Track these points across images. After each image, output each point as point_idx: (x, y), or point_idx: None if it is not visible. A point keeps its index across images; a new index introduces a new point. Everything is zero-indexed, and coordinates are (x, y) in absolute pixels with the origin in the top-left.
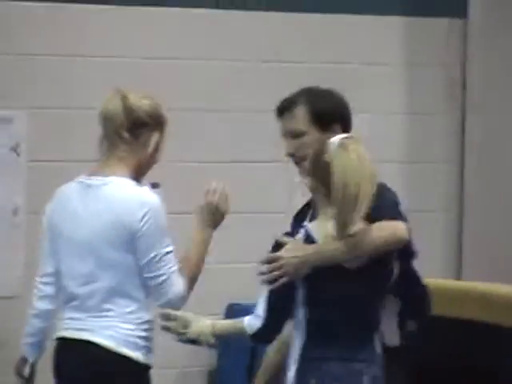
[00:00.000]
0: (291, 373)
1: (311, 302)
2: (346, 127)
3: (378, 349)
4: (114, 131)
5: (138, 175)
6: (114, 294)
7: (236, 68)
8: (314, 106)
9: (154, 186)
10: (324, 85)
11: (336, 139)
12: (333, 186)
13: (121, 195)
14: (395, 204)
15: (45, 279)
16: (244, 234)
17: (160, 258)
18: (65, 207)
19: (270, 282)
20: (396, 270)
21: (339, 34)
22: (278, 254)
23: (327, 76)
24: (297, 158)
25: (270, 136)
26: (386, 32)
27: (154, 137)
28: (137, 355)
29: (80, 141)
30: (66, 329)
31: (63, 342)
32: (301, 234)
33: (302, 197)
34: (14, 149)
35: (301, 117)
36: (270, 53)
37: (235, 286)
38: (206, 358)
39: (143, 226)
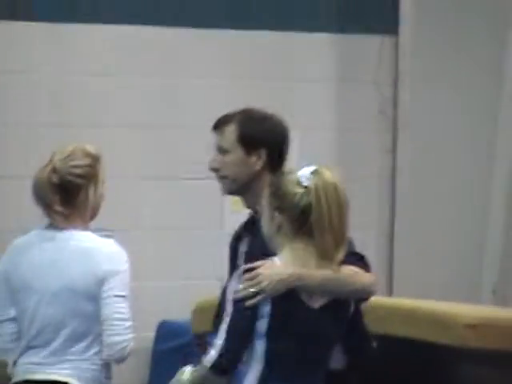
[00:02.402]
0: None
1: (274, 334)
2: (274, 154)
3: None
4: (48, 206)
5: (90, 218)
6: (80, 338)
7: (167, 84)
8: (243, 128)
9: (107, 235)
10: (256, 103)
11: (306, 171)
12: (317, 216)
13: (89, 248)
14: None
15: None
16: (175, 251)
17: (120, 300)
18: (23, 261)
19: (247, 298)
20: (352, 308)
21: (271, 50)
22: (258, 270)
23: (259, 92)
24: (218, 175)
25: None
26: (318, 49)
27: (91, 190)
28: None
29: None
30: (32, 372)
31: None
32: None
33: (231, 214)
34: None
35: (229, 135)
36: (202, 69)
37: (167, 303)
38: (137, 373)
39: (110, 275)
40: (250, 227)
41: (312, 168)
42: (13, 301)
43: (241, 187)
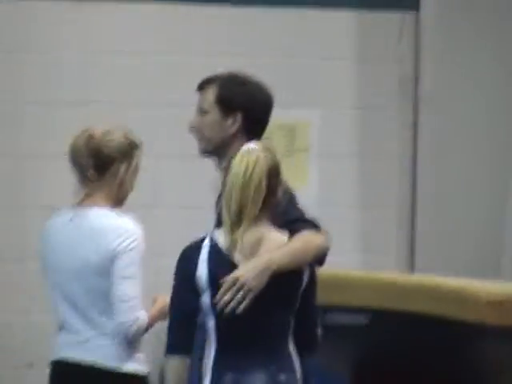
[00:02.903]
0: None
1: (219, 310)
2: (250, 119)
3: (294, 354)
4: (80, 171)
5: (116, 203)
6: (102, 315)
7: (191, 63)
8: (222, 90)
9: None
10: (277, 81)
11: (246, 146)
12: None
13: (101, 225)
14: (305, 214)
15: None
16: (198, 228)
17: (124, 280)
18: (51, 240)
19: (238, 304)
20: (307, 274)
21: (292, 28)
22: (235, 274)
23: (280, 71)
24: (196, 136)
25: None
26: (338, 26)
27: (122, 168)
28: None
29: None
30: (63, 351)
31: (63, 364)
32: (207, 241)
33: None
34: None
35: (208, 96)
36: (223, 47)
37: None
38: (156, 357)
39: (119, 253)
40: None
41: (252, 145)
42: (46, 279)
43: (215, 149)
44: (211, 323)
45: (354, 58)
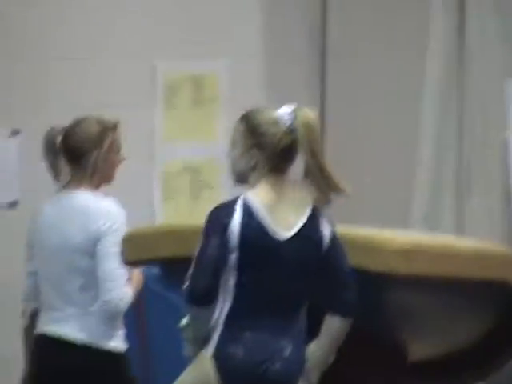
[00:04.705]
0: (214, 339)
1: (242, 267)
2: None
3: (303, 324)
4: (53, 164)
5: (99, 184)
6: (81, 293)
7: None
8: None
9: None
10: (183, 32)
11: (285, 110)
12: (308, 158)
13: (85, 207)
14: None
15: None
16: None
17: (109, 259)
18: (38, 220)
19: None
20: (327, 234)
21: None
22: None
23: (185, 21)
24: None
25: None
26: None
27: (94, 155)
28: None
29: None
30: (46, 326)
31: (46, 338)
32: (240, 203)
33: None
34: None
35: None
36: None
37: None
38: None
39: (102, 231)
40: None
41: (291, 107)
42: (31, 257)
43: None
44: (232, 281)
45: (262, 8)
